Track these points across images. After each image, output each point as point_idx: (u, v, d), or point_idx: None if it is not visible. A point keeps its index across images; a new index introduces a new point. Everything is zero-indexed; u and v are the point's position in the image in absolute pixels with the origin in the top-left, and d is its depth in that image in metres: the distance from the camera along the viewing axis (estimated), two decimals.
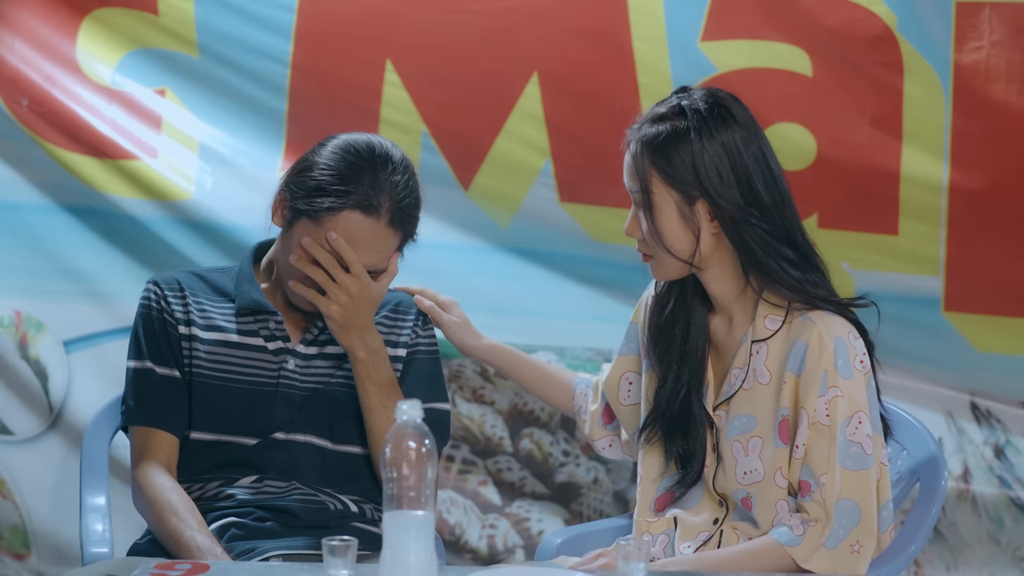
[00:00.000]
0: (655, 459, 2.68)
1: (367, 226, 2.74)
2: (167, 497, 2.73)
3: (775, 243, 2.52)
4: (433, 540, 2.09)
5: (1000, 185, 3.71)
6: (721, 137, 2.52)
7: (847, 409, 2.47)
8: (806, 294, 2.52)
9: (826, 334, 2.48)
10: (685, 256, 2.54)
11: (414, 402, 2.10)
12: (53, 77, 3.86)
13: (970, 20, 3.67)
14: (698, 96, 2.57)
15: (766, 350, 2.54)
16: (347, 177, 2.73)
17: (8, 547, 3.96)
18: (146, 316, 2.86)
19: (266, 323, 2.85)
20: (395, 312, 2.93)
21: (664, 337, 2.66)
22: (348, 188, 2.72)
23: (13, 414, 3.94)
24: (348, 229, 2.73)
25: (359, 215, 2.73)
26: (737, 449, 2.55)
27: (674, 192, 2.53)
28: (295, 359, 2.84)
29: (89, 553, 2.79)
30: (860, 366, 2.50)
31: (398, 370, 2.87)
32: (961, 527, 3.81)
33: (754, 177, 2.52)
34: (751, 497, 2.53)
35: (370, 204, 2.73)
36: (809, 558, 2.46)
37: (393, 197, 2.74)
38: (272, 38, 3.86)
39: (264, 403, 2.82)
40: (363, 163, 2.75)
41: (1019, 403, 3.79)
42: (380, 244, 2.76)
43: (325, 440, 2.84)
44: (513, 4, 3.80)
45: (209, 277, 2.93)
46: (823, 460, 2.47)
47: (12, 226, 3.92)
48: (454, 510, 3.91)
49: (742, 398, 2.56)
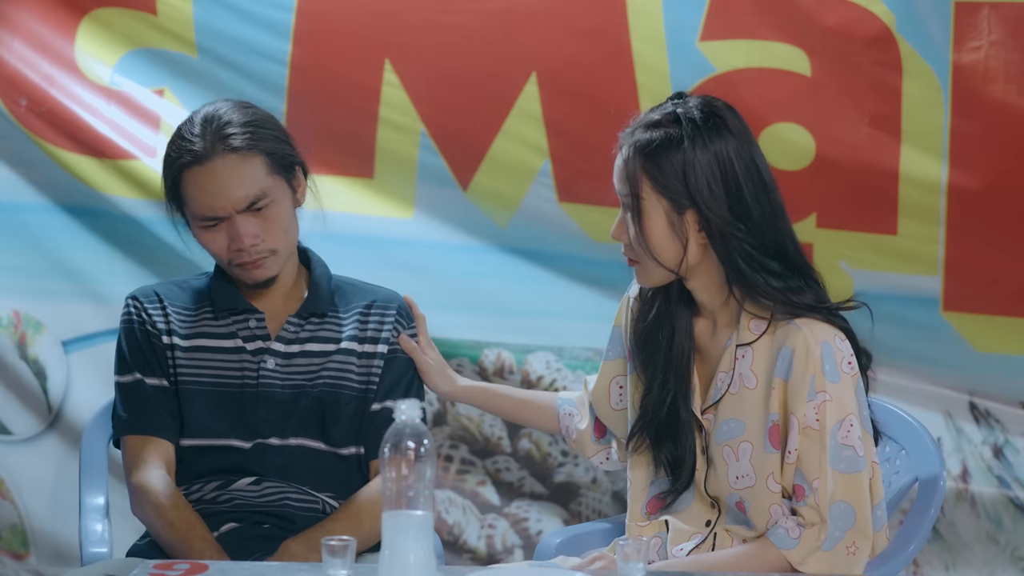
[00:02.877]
0: (643, 468, 2.67)
1: (204, 171, 2.76)
2: (171, 503, 2.73)
3: (761, 257, 2.51)
4: (432, 540, 2.09)
5: (999, 185, 3.71)
6: (714, 147, 2.51)
7: (837, 413, 2.47)
8: (788, 304, 2.51)
9: (812, 339, 2.47)
10: (671, 265, 2.53)
11: (412, 401, 2.10)
12: (52, 77, 3.86)
13: (969, 20, 3.67)
14: (693, 104, 2.55)
15: (751, 354, 2.53)
16: (174, 150, 2.80)
17: (7, 547, 3.96)
18: (129, 331, 2.87)
19: (246, 322, 2.85)
20: (375, 307, 2.92)
21: (649, 343, 2.65)
22: (177, 152, 2.79)
23: (12, 414, 3.94)
24: (191, 187, 2.78)
25: (192, 170, 2.77)
26: (728, 454, 2.54)
27: (664, 200, 2.52)
28: (274, 358, 2.84)
29: (88, 553, 2.79)
30: (848, 368, 2.49)
31: (378, 367, 2.87)
32: (960, 527, 3.81)
33: (744, 190, 2.50)
34: (744, 502, 2.53)
35: (197, 156, 2.76)
36: (805, 561, 2.46)
37: (206, 134, 2.77)
38: (271, 38, 3.86)
39: (248, 404, 2.82)
40: (183, 133, 2.81)
41: (1018, 403, 3.79)
42: (232, 177, 2.76)
43: (319, 443, 2.83)
44: (512, 4, 3.80)
45: (186, 285, 2.94)
46: (815, 465, 2.47)
47: (11, 226, 3.92)
48: (453, 510, 3.91)
49: (730, 403, 2.56)
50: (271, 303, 2.88)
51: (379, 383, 2.86)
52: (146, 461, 2.80)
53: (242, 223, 2.76)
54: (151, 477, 2.77)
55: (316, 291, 2.89)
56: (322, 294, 2.89)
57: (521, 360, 3.90)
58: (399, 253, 3.87)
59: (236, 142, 2.77)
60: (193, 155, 2.77)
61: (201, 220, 2.78)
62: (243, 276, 2.82)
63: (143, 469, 2.79)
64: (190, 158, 2.77)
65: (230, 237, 2.77)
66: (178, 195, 2.81)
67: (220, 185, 2.76)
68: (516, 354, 3.90)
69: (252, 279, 2.81)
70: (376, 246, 3.83)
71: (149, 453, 2.80)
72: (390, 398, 2.84)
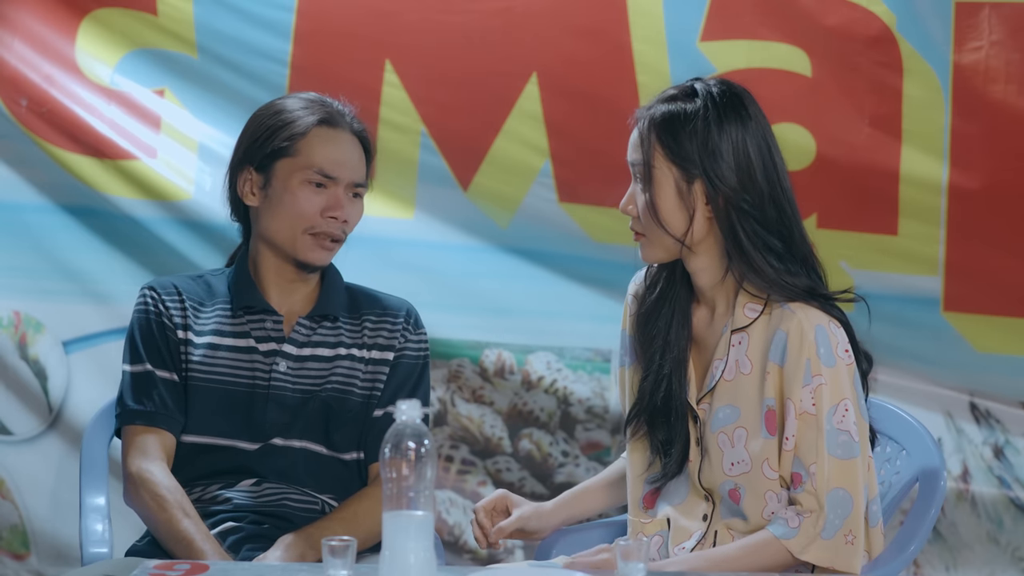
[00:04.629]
0: (640, 454, 2.68)
1: (336, 136, 2.82)
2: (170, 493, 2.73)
3: (764, 234, 2.53)
4: (432, 540, 2.09)
5: (999, 185, 3.71)
6: (729, 122, 2.54)
7: (832, 397, 2.47)
8: (785, 287, 2.52)
9: (806, 323, 2.48)
10: (678, 233, 2.54)
11: (413, 402, 2.10)
12: (52, 77, 3.87)
13: (969, 20, 3.67)
14: (712, 82, 2.60)
15: (747, 339, 2.54)
16: (306, 107, 2.84)
17: (7, 547, 3.96)
18: (144, 321, 2.85)
19: (262, 323, 2.85)
20: (385, 315, 2.91)
21: (649, 326, 2.66)
22: (309, 110, 2.83)
23: (12, 414, 3.94)
24: (319, 142, 2.81)
25: (325, 128, 2.82)
26: (723, 440, 2.55)
27: (675, 168, 2.54)
28: (286, 361, 2.83)
29: (88, 553, 2.78)
30: (844, 355, 2.50)
31: (384, 374, 2.86)
32: (960, 527, 3.81)
33: (754, 165, 2.53)
34: (739, 488, 2.53)
35: (330, 120, 2.83)
36: (806, 549, 2.46)
37: (348, 117, 2.86)
38: (271, 38, 3.86)
39: (257, 406, 2.81)
40: (314, 98, 2.88)
41: (1018, 403, 3.79)
42: (354, 154, 2.84)
43: (321, 446, 2.83)
44: (512, 4, 3.80)
45: (201, 280, 2.93)
46: (812, 449, 2.47)
47: (11, 226, 3.92)
48: (453, 510, 3.91)
49: (725, 389, 2.56)
50: (290, 304, 2.88)
51: (383, 389, 2.86)
52: (148, 452, 2.79)
53: (344, 198, 2.82)
54: (153, 468, 2.76)
55: (328, 294, 2.89)
56: (333, 297, 2.89)
57: (521, 360, 3.90)
58: (400, 253, 3.88)
59: (357, 126, 2.87)
60: (330, 116, 2.83)
61: (316, 174, 2.80)
62: (312, 247, 2.82)
63: (145, 459, 2.78)
64: (326, 116, 2.83)
65: (328, 204, 2.80)
66: (283, 149, 2.81)
67: (346, 155, 2.83)
68: (516, 354, 3.90)
69: (317, 258, 2.83)
70: (377, 246, 3.83)
71: (152, 444, 2.80)
72: (392, 404, 2.84)
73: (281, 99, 2.90)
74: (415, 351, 2.90)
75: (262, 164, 2.83)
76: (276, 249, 2.84)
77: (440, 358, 3.84)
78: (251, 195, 2.84)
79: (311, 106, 2.85)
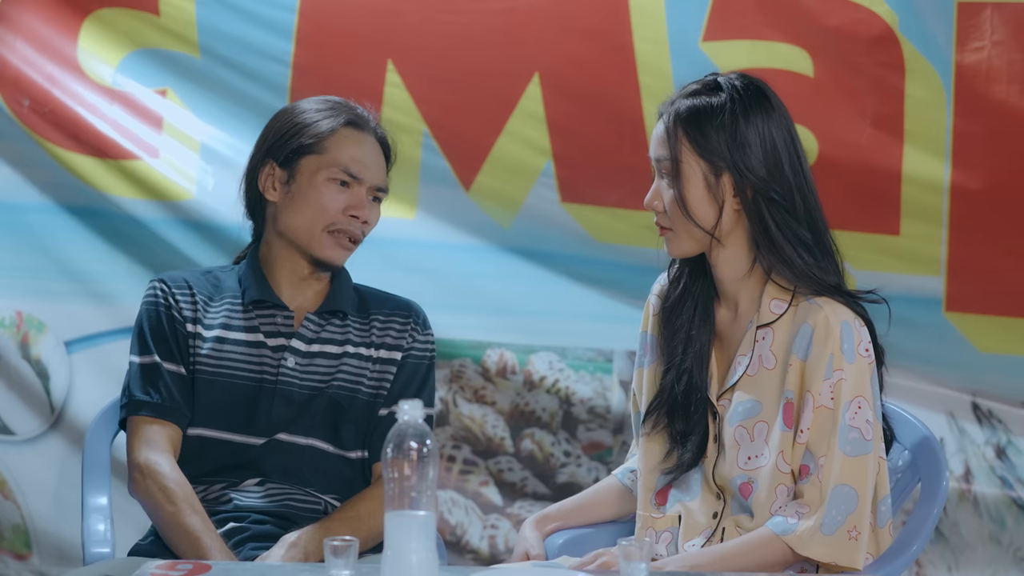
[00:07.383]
0: (657, 446, 2.67)
1: (362, 138, 2.87)
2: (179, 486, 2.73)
3: (794, 223, 2.54)
4: (434, 540, 2.09)
5: (1001, 185, 3.71)
6: (755, 113, 2.56)
7: (849, 392, 2.48)
8: (813, 280, 2.53)
9: (832, 317, 2.50)
10: (708, 226, 2.55)
11: (415, 402, 2.10)
12: (54, 77, 3.87)
13: (971, 20, 3.68)
14: (734, 76, 2.62)
15: (772, 335, 2.55)
16: (333, 108, 2.89)
17: (9, 547, 3.96)
18: (153, 313, 2.85)
19: (272, 318, 2.85)
20: (392, 314, 2.92)
21: (672, 322, 2.66)
22: (337, 112, 2.88)
23: (14, 414, 3.95)
24: (347, 142, 2.85)
25: (352, 130, 2.86)
26: (741, 434, 2.55)
27: (703, 163, 2.55)
28: (295, 356, 2.84)
29: (91, 553, 2.78)
30: (865, 353, 2.51)
31: (391, 373, 2.87)
32: (963, 527, 3.81)
33: (782, 156, 2.55)
34: (752, 482, 2.54)
35: (357, 122, 2.88)
36: (806, 545, 2.46)
37: (372, 123, 2.92)
38: (273, 38, 3.87)
39: (264, 400, 2.81)
40: (340, 101, 2.93)
41: (1020, 403, 3.79)
42: (378, 158, 2.89)
43: (329, 444, 2.83)
44: (514, 4, 3.81)
45: (210, 274, 2.93)
46: (824, 443, 2.47)
47: (13, 226, 3.92)
48: (455, 510, 3.91)
49: (747, 383, 2.57)
50: (300, 300, 2.88)
51: (389, 389, 2.86)
52: (156, 443, 2.78)
53: (366, 199, 2.86)
54: (161, 460, 2.76)
55: (337, 291, 2.89)
56: (343, 294, 2.89)
57: (523, 360, 3.90)
58: (402, 254, 3.88)
59: (380, 132, 2.93)
60: (357, 119, 2.88)
61: (342, 172, 2.83)
62: (331, 245, 2.84)
63: (152, 451, 2.77)
64: (354, 118, 2.88)
65: (351, 203, 2.83)
66: (309, 146, 2.85)
67: (370, 158, 2.87)
68: (518, 354, 3.90)
69: (333, 256, 2.85)
70: (379, 247, 3.82)
71: (159, 436, 2.79)
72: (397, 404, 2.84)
73: (306, 100, 2.93)
74: (422, 351, 2.91)
75: (287, 159, 2.85)
76: (293, 245, 2.85)
77: (442, 358, 3.83)
78: (272, 190, 2.86)
79: (338, 107, 2.89)
